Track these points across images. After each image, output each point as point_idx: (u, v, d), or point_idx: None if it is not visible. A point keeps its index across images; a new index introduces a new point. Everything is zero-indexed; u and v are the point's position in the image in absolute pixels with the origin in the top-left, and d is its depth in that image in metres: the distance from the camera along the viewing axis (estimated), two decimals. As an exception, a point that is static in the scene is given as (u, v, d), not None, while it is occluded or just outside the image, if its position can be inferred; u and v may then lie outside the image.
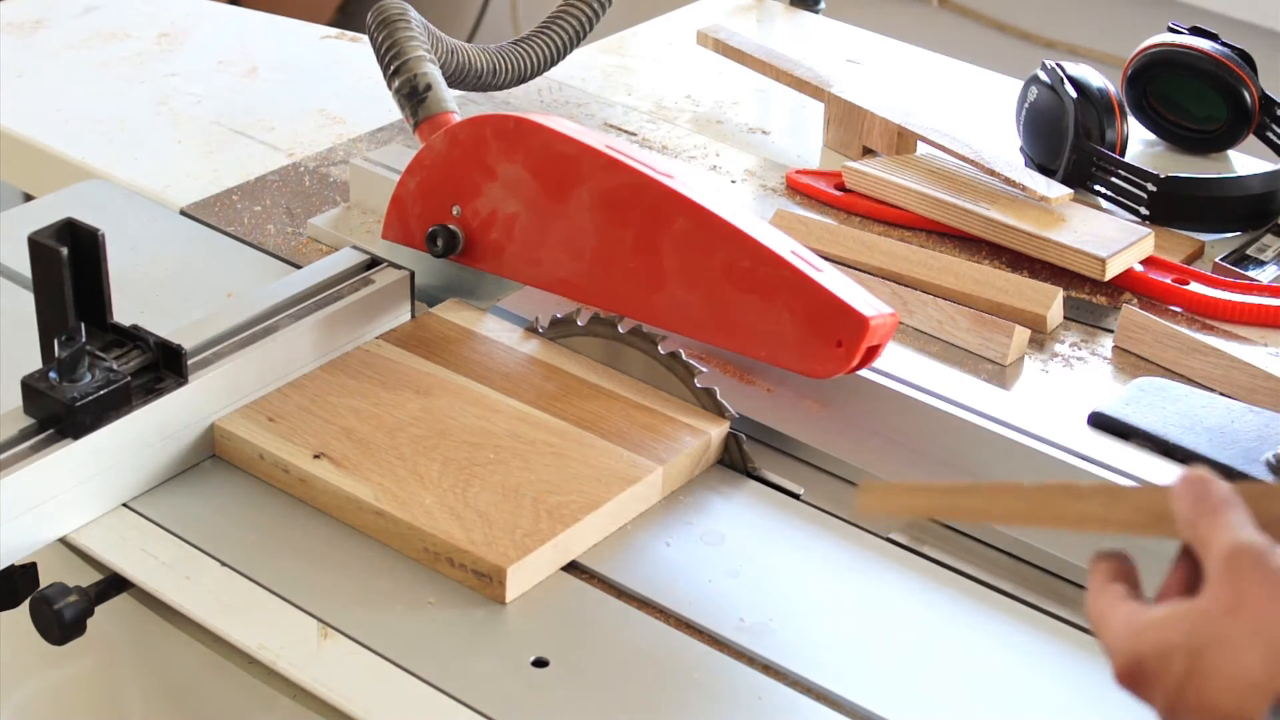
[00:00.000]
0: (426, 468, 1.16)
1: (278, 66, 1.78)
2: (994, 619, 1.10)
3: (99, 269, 1.12)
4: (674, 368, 1.24)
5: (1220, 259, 1.48)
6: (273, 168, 1.57)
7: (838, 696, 1.04)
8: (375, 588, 1.10)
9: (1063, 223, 1.46)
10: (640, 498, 1.17)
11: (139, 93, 1.72)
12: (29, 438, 1.12)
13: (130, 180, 1.55)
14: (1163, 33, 1.65)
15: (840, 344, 1.17)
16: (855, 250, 1.46)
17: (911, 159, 1.58)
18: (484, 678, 1.04)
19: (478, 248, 1.31)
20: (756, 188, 1.60)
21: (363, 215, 1.45)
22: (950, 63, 1.88)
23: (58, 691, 1.25)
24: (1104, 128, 1.54)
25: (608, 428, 1.21)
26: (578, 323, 1.28)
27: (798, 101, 1.73)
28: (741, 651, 1.07)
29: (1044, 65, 1.59)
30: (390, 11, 1.40)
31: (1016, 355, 1.35)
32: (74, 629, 1.07)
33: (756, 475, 1.22)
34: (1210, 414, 1.23)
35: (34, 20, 1.85)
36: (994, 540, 1.16)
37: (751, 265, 1.20)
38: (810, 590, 1.12)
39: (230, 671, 1.09)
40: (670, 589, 1.11)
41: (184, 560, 1.11)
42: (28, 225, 1.15)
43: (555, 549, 1.11)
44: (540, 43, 1.58)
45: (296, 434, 1.18)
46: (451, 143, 1.30)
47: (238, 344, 1.23)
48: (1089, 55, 2.77)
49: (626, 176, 1.24)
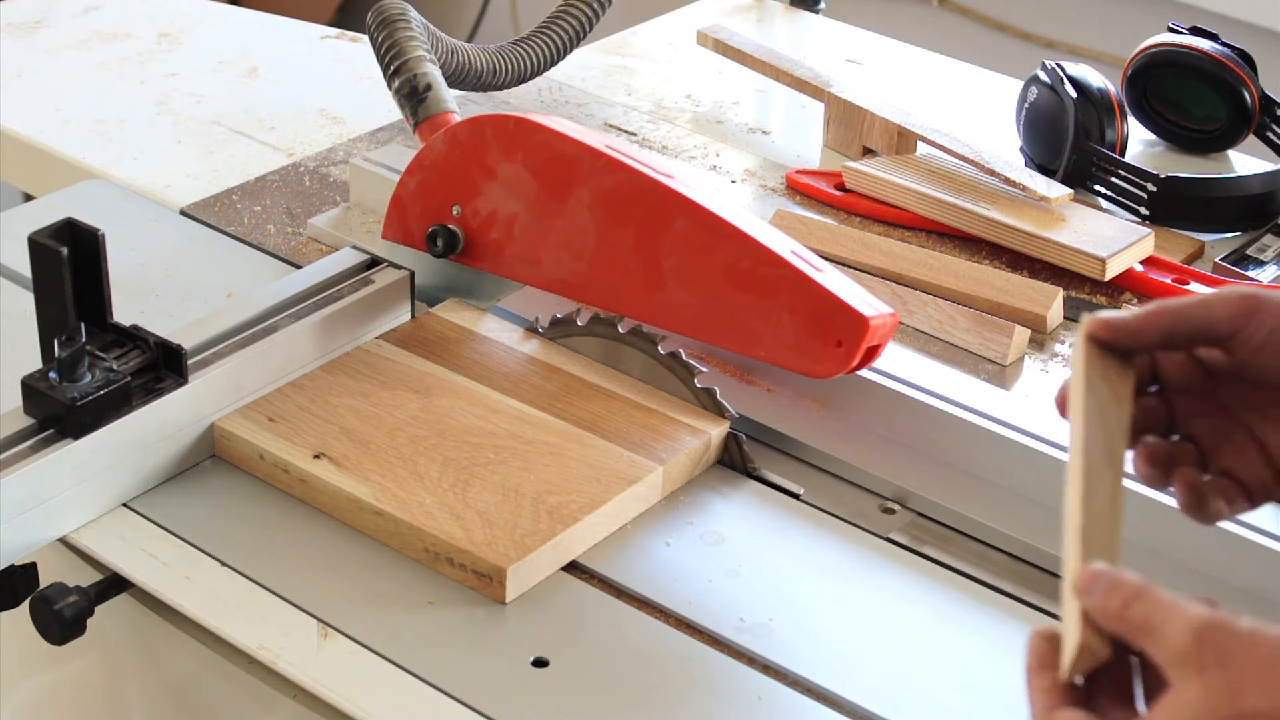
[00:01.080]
0: (426, 468, 1.16)
1: (278, 66, 1.78)
2: (994, 619, 1.10)
3: (99, 269, 1.12)
4: (674, 368, 1.24)
5: (1220, 259, 1.48)
6: (273, 168, 1.57)
7: (838, 696, 1.04)
8: (375, 588, 1.10)
9: (1063, 223, 1.46)
10: (640, 498, 1.17)
11: (139, 93, 1.72)
12: (29, 438, 1.12)
13: (130, 180, 1.55)
14: (1163, 33, 1.65)
15: (840, 344, 1.18)
16: (855, 250, 1.46)
17: (911, 159, 1.58)
18: (484, 678, 1.04)
19: (478, 248, 1.31)
20: (756, 188, 1.60)
21: (363, 215, 1.45)
22: (950, 63, 1.88)
23: (58, 691, 1.25)
24: (1104, 128, 1.54)
25: (608, 428, 1.21)
26: (578, 323, 1.28)
27: (798, 101, 1.73)
28: (741, 651, 1.07)
29: (1044, 65, 1.59)
30: (390, 11, 1.40)
31: (1016, 355, 1.35)
32: (74, 629, 1.07)
33: (756, 475, 1.22)
34: (1210, 414, 1.23)
35: (34, 20, 1.85)
36: (994, 540, 1.16)
37: (751, 265, 1.20)
38: (810, 590, 1.12)
39: (230, 671, 1.09)
40: (670, 589, 1.11)
41: (184, 560, 1.11)
42: (28, 225, 1.15)
43: (555, 549, 1.11)
44: (540, 43, 1.58)
45: (296, 434, 1.18)
46: (451, 143, 1.30)
47: (238, 344, 1.23)
48: (1089, 55, 2.77)
49: (626, 176, 1.24)
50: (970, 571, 1.14)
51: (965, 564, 1.14)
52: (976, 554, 1.15)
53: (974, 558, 1.15)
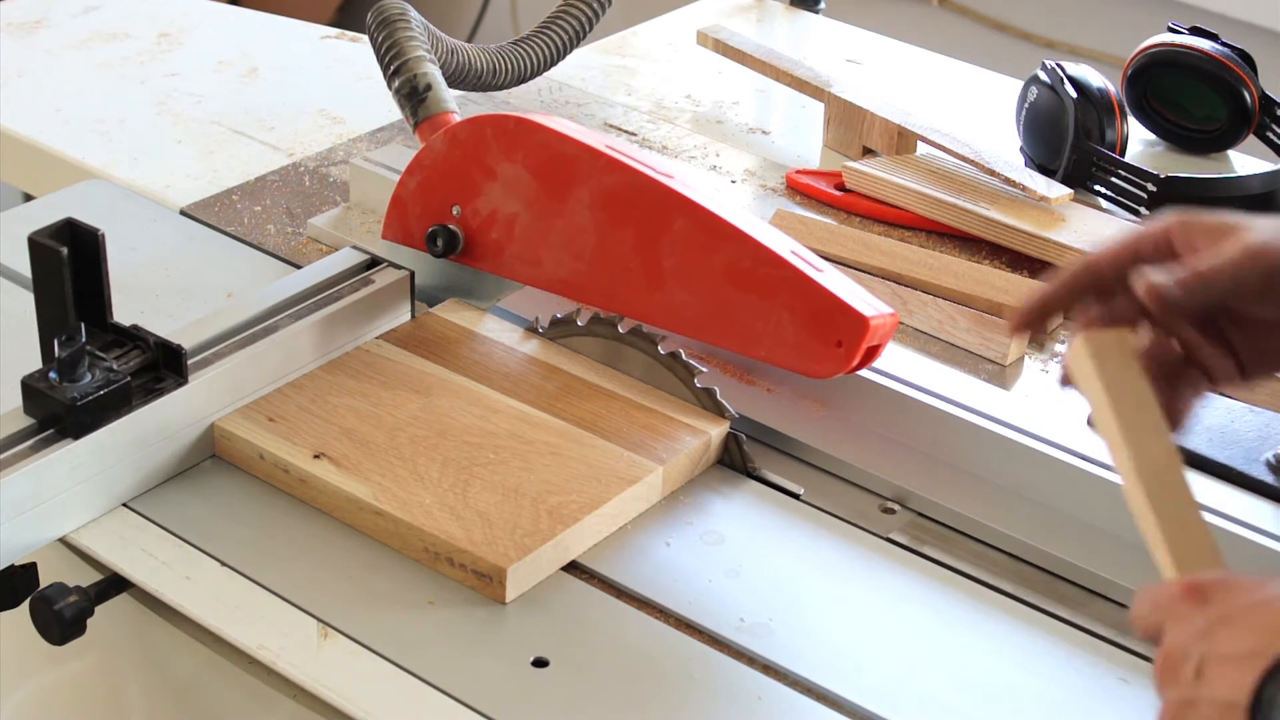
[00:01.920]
0: (426, 468, 1.16)
1: (278, 66, 1.78)
2: (994, 619, 1.10)
3: (99, 269, 1.12)
4: (674, 368, 1.24)
5: (1220, 259, 1.48)
6: (273, 168, 1.57)
7: (838, 696, 1.04)
8: (375, 588, 1.10)
9: (1063, 223, 1.46)
10: (640, 498, 1.17)
11: (139, 93, 1.72)
12: (29, 438, 1.12)
13: (130, 180, 1.55)
14: (1163, 33, 1.65)
15: (840, 344, 1.18)
16: (855, 250, 1.46)
17: (911, 159, 1.58)
18: (484, 678, 1.04)
19: (478, 248, 1.31)
20: (756, 188, 1.60)
21: (363, 215, 1.45)
22: (950, 63, 1.88)
23: (58, 691, 1.25)
24: (1104, 128, 1.54)
25: (608, 428, 1.21)
26: (578, 323, 1.28)
27: (798, 101, 1.73)
28: (741, 651, 1.07)
29: (1044, 65, 1.59)
30: (390, 11, 1.40)
31: (1016, 355, 1.35)
32: (74, 629, 1.07)
33: (756, 475, 1.22)
34: (1210, 414, 1.23)
35: (34, 20, 1.85)
36: (994, 540, 1.16)
37: (751, 265, 1.20)
38: (810, 590, 1.12)
39: (230, 671, 1.09)
40: (670, 589, 1.11)
41: (184, 560, 1.11)
42: (28, 225, 1.15)
43: (555, 549, 1.11)
44: (540, 43, 1.58)
45: (296, 434, 1.18)
46: (451, 143, 1.30)
47: (238, 344, 1.23)
48: (1089, 55, 2.77)
49: (626, 176, 1.24)
50: (970, 571, 1.14)
51: (965, 564, 1.14)
52: (976, 554, 1.15)
53: (974, 558, 1.15)
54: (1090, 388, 0.89)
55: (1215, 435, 1.20)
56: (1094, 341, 0.91)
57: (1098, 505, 1.16)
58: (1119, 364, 0.90)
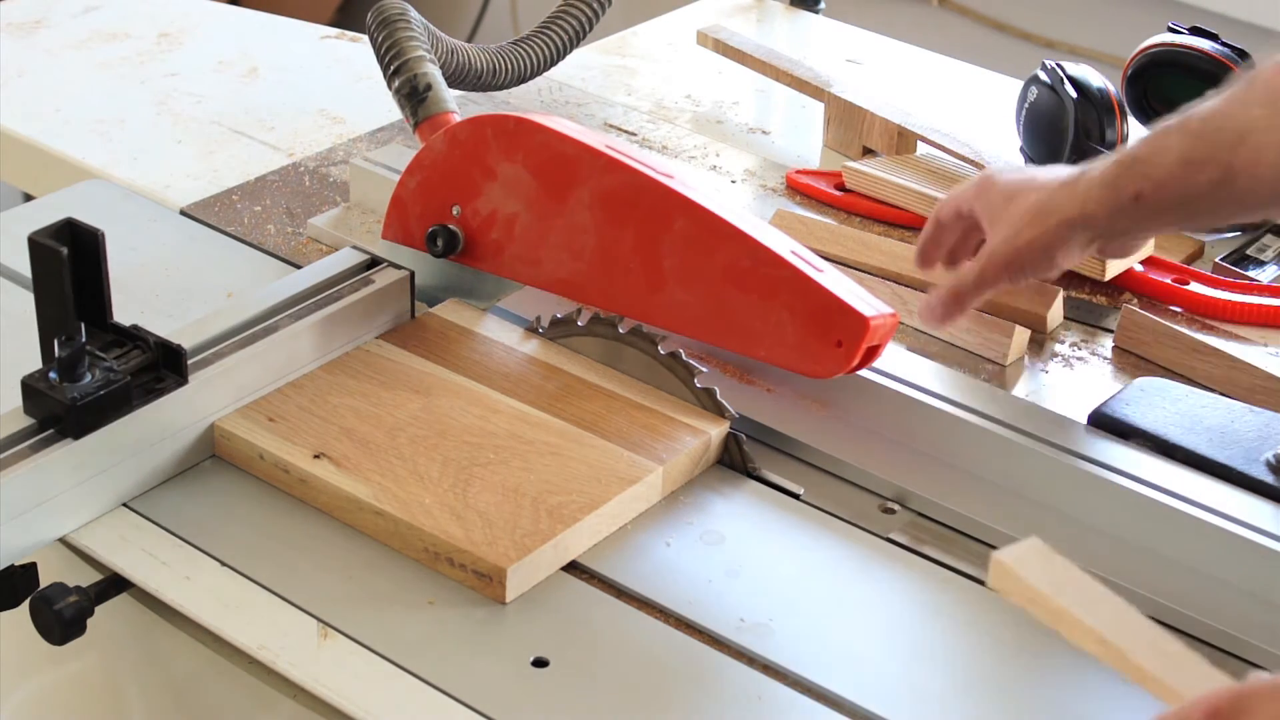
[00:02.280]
0: (426, 468, 1.16)
1: (278, 66, 1.78)
2: (994, 619, 1.10)
3: (99, 269, 1.12)
4: (674, 368, 1.24)
5: (1220, 259, 1.48)
6: (273, 168, 1.57)
7: (838, 696, 1.04)
8: (375, 588, 1.10)
9: (1063, 223, 1.46)
10: (640, 498, 1.17)
11: (139, 93, 1.72)
12: (29, 438, 1.12)
13: (130, 180, 1.55)
14: (1163, 33, 1.65)
15: (840, 344, 1.18)
16: (855, 250, 1.46)
17: (911, 159, 1.58)
18: (484, 678, 1.04)
19: (478, 248, 1.31)
20: (756, 188, 1.60)
21: (363, 215, 1.45)
22: (950, 63, 1.88)
23: (58, 691, 1.25)
24: (1104, 128, 1.54)
25: (608, 428, 1.21)
26: (578, 323, 1.28)
27: (798, 101, 1.73)
28: (741, 651, 1.07)
29: (1044, 65, 1.59)
30: (390, 11, 1.40)
31: (1016, 355, 1.35)
32: (74, 629, 1.07)
33: (756, 475, 1.21)
34: (1210, 414, 1.23)
35: (34, 20, 1.85)
36: (994, 540, 1.16)
37: (751, 265, 1.20)
38: (810, 590, 1.12)
39: (230, 671, 1.09)
40: (670, 589, 1.11)
41: (184, 560, 1.11)
42: (28, 225, 1.15)
43: (555, 549, 1.11)
44: (540, 43, 1.58)
45: (296, 434, 1.18)
46: (451, 143, 1.30)
47: (238, 344, 1.23)
48: (1089, 55, 2.77)
49: (626, 176, 1.24)
50: (970, 571, 1.14)
51: (965, 564, 1.14)
52: (976, 554, 1.15)
53: (974, 558, 1.15)
54: (1025, 595, 0.92)
55: (1215, 435, 1.20)
56: (1009, 558, 0.93)
57: (1097, 505, 1.16)
58: (1040, 565, 0.93)
